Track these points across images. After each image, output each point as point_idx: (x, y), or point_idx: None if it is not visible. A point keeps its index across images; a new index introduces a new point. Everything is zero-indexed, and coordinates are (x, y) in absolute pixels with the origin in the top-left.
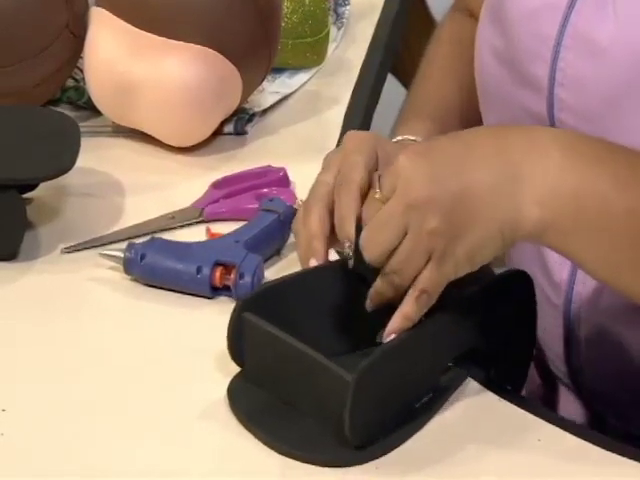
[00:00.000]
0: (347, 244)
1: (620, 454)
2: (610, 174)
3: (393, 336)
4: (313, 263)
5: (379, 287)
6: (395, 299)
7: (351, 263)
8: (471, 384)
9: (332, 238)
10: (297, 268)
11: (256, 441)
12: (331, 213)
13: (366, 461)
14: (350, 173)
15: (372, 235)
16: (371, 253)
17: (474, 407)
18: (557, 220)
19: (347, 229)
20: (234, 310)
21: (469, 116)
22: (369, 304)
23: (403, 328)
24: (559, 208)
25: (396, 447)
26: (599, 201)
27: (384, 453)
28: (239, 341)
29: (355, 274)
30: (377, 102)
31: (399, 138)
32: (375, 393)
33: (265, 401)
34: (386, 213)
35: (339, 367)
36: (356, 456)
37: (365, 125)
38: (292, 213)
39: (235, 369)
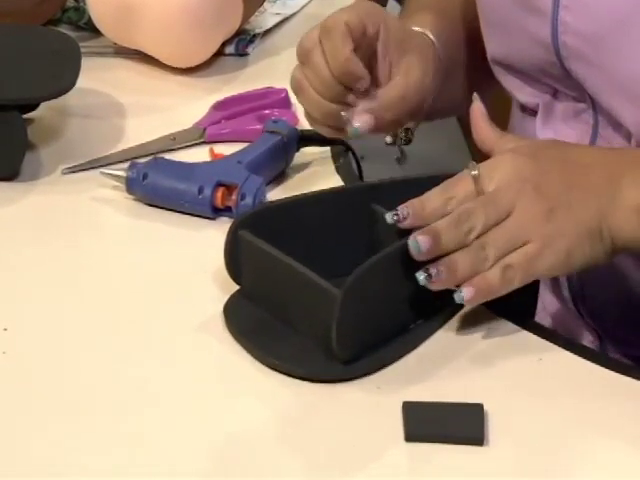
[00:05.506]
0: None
1: (621, 373)
2: None
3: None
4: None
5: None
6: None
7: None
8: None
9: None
10: (300, 191)
11: (249, 357)
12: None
13: (355, 377)
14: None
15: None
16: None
17: (475, 327)
18: None
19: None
20: (230, 228)
21: (468, 10)
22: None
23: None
24: None
25: (386, 365)
26: None
27: (373, 369)
28: (236, 259)
29: (352, 203)
30: None
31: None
32: (363, 308)
33: (260, 318)
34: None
35: (327, 283)
36: (344, 371)
37: None
38: (296, 135)
39: (234, 288)
